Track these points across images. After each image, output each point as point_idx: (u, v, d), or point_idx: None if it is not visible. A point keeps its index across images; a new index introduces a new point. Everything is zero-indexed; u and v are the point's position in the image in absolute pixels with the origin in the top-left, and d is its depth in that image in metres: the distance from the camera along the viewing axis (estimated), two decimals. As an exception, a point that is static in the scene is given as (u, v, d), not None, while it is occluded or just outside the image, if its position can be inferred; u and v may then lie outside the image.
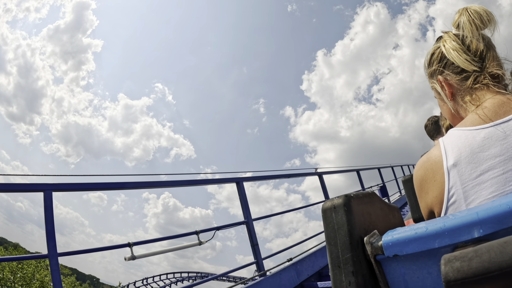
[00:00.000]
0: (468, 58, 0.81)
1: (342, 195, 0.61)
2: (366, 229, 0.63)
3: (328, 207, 0.62)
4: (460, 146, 0.71)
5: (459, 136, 0.73)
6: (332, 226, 0.61)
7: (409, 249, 0.57)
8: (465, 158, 0.70)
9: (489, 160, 0.67)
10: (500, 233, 0.52)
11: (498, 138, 0.69)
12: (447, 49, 0.84)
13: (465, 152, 0.70)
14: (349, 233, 0.59)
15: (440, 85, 0.87)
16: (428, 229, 0.56)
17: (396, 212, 0.75)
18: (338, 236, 0.60)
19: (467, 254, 0.47)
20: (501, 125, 0.70)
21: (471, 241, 0.54)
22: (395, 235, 0.58)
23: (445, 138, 0.76)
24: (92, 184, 2.82)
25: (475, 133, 0.71)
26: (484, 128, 0.71)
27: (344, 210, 0.60)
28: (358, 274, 0.58)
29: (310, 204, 5.13)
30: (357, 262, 0.59)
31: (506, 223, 0.52)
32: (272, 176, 4.70)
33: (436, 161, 0.74)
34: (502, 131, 0.69)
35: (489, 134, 0.70)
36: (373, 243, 0.60)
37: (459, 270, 0.46)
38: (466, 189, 0.69)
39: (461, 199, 0.69)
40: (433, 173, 0.74)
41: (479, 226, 0.54)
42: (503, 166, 0.66)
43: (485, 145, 0.69)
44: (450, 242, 0.55)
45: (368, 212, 0.65)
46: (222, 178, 3.98)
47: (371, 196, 0.67)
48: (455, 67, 0.84)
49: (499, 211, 0.53)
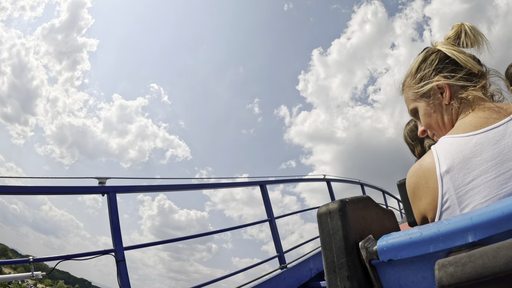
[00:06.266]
0: (474, 61, 0.84)
1: (338, 200, 0.62)
2: (361, 233, 0.63)
3: (323, 212, 0.62)
4: (452, 152, 0.73)
5: (451, 143, 0.75)
6: (328, 231, 0.61)
7: (403, 254, 0.58)
8: (458, 164, 0.71)
9: (482, 165, 0.69)
10: (494, 238, 0.53)
11: (490, 143, 0.70)
12: (450, 52, 0.86)
13: (458, 159, 0.71)
14: (344, 238, 0.60)
15: (437, 88, 0.87)
16: (423, 234, 0.56)
17: (392, 216, 0.75)
18: (333, 241, 0.60)
19: (460, 259, 0.48)
20: (492, 131, 0.71)
21: (465, 246, 0.54)
22: (390, 240, 0.59)
23: (437, 146, 0.77)
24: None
25: (467, 140, 0.73)
26: (475, 135, 0.73)
27: (339, 215, 0.61)
28: (353, 279, 0.58)
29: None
30: (352, 266, 0.59)
31: (500, 228, 0.53)
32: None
33: (428, 168, 0.75)
34: (493, 137, 0.70)
35: (480, 140, 0.71)
36: (368, 248, 0.60)
37: (453, 275, 0.47)
38: (459, 194, 0.70)
39: (455, 204, 0.70)
40: (425, 180, 0.75)
41: (473, 231, 0.54)
42: (495, 170, 0.67)
43: (477, 150, 0.70)
44: (445, 247, 0.55)
45: (363, 217, 0.65)
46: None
47: (366, 200, 0.68)
48: (456, 69, 0.85)
49: (492, 216, 0.54)
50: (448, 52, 0.86)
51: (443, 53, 0.88)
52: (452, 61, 0.86)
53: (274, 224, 4.03)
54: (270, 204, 4.13)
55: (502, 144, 0.69)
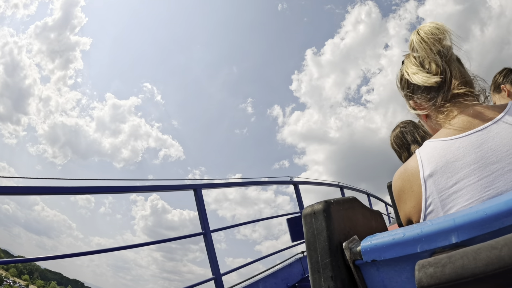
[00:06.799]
0: (426, 75, 0.82)
1: (322, 200, 0.62)
2: (346, 234, 0.63)
3: (308, 213, 0.63)
4: (435, 156, 0.73)
5: (435, 147, 0.75)
6: (312, 232, 0.62)
7: (387, 254, 0.58)
8: (441, 168, 0.72)
9: (464, 168, 0.69)
10: (477, 239, 0.53)
11: (473, 147, 0.70)
12: (410, 75, 0.85)
13: (441, 162, 0.72)
14: (329, 239, 0.60)
15: (413, 109, 0.89)
16: (406, 235, 0.57)
17: (379, 218, 0.76)
18: (317, 241, 0.61)
19: (440, 260, 0.48)
20: (474, 134, 0.72)
21: (448, 246, 0.55)
22: (373, 241, 0.59)
23: (421, 150, 0.78)
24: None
25: (450, 143, 0.73)
26: (458, 138, 0.73)
27: (323, 216, 0.61)
28: (337, 279, 0.59)
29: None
30: (336, 267, 0.59)
31: (483, 229, 0.54)
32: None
33: (413, 172, 0.76)
34: (476, 140, 0.71)
35: (463, 144, 0.72)
36: (352, 248, 0.60)
37: (433, 276, 0.47)
38: (442, 197, 0.70)
39: (438, 207, 0.71)
40: (410, 184, 0.76)
41: (456, 232, 0.55)
42: (478, 173, 0.68)
43: (460, 154, 0.71)
44: (428, 247, 0.56)
45: (348, 218, 0.66)
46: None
47: (352, 201, 0.68)
48: (421, 89, 0.85)
49: (475, 218, 0.54)
50: (409, 77, 0.86)
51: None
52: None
53: (209, 238, 3.30)
54: (205, 212, 3.39)
55: (485, 148, 0.69)
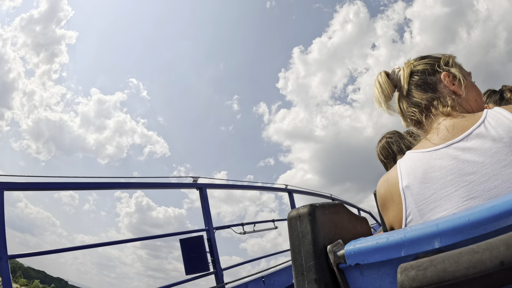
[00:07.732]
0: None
1: (308, 204, 0.63)
2: (331, 238, 0.64)
3: (293, 216, 0.63)
4: (413, 167, 0.76)
5: (413, 158, 0.78)
6: (297, 235, 0.62)
7: (370, 258, 0.58)
8: (419, 179, 0.74)
9: (441, 179, 0.71)
10: (460, 244, 0.54)
11: (450, 158, 0.73)
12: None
13: (419, 173, 0.74)
14: (313, 242, 0.60)
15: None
16: (389, 239, 0.57)
17: (364, 223, 0.76)
18: (302, 244, 0.61)
19: (422, 264, 0.48)
20: (451, 146, 0.74)
21: (431, 251, 0.56)
22: (357, 245, 0.60)
23: (401, 160, 0.81)
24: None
25: (428, 155, 0.76)
26: (436, 150, 0.76)
27: (308, 219, 0.61)
28: (320, 282, 0.59)
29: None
30: (320, 270, 0.59)
31: (466, 235, 0.54)
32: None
33: (393, 182, 0.79)
34: (453, 151, 0.73)
35: (440, 155, 0.74)
36: (336, 252, 0.61)
37: (414, 278, 0.47)
38: (420, 207, 0.72)
39: (417, 217, 0.73)
40: (391, 194, 0.79)
41: (439, 237, 0.55)
42: (455, 184, 0.70)
43: (437, 165, 0.73)
44: (411, 252, 0.56)
45: (333, 222, 0.66)
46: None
47: (337, 206, 0.69)
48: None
49: (458, 223, 0.55)
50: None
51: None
52: None
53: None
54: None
55: (462, 159, 0.71)
